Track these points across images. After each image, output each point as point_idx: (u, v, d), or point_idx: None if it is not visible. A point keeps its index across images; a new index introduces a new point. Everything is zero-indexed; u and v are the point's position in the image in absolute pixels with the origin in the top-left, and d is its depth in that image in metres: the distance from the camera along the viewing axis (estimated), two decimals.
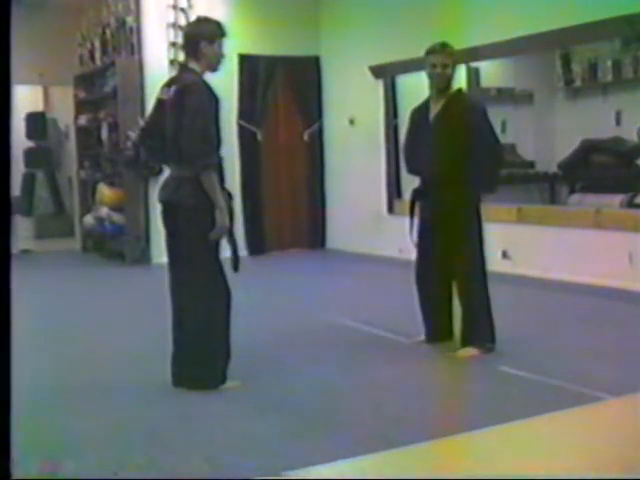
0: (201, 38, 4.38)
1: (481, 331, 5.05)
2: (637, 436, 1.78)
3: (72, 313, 6.82)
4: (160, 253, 8.96)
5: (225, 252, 4.41)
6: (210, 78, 4.44)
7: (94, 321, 6.46)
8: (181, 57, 8.99)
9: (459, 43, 6.61)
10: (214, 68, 4.48)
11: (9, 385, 1.97)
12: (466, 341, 5.05)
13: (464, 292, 5.10)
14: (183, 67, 4.63)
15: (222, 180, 4.37)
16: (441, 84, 5.09)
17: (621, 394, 3.92)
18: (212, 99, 4.34)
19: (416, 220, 5.23)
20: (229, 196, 4.39)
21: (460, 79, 8.19)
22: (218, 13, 8.56)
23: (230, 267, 4.36)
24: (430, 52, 5.10)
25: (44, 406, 4.14)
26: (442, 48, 5.09)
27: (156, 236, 9.18)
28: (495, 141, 5.15)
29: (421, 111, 5.28)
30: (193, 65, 4.43)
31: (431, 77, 5.10)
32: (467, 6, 8.17)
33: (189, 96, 4.26)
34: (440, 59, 5.04)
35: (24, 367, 3.98)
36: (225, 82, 4.90)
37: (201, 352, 4.36)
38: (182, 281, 4.42)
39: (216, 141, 4.32)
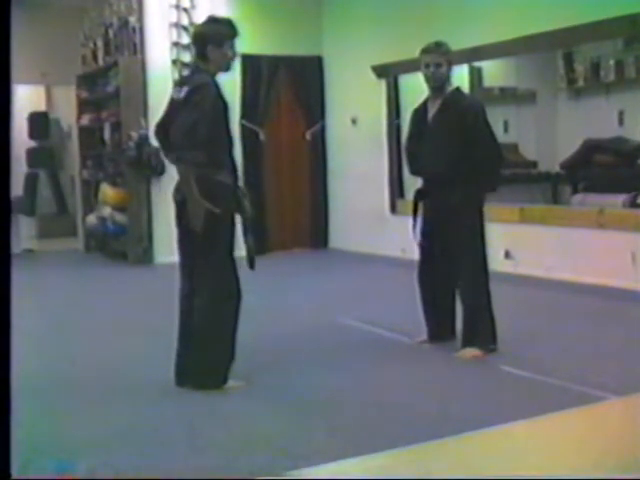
0: (208, 42, 4.32)
1: (483, 332, 5.04)
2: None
3: (74, 312, 6.82)
4: (163, 253, 9.07)
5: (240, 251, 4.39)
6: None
7: (97, 320, 6.46)
8: (183, 57, 9.23)
9: (461, 43, 6.60)
10: (224, 70, 4.42)
11: (9, 385, 1.97)
12: (468, 341, 5.05)
13: (466, 292, 5.10)
14: (195, 67, 4.60)
15: (236, 179, 4.39)
16: (435, 83, 5.09)
17: (624, 394, 3.92)
18: (219, 101, 4.30)
19: (419, 220, 5.25)
20: (244, 195, 4.37)
21: (462, 79, 8.21)
22: (221, 13, 8.56)
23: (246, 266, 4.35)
24: (423, 52, 5.12)
25: (45, 405, 4.14)
26: (435, 47, 5.10)
27: (159, 236, 9.21)
28: (492, 140, 5.10)
29: (420, 111, 5.28)
30: (203, 66, 4.38)
31: (425, 76, 5.11)
32: (469, 6, 8.17)
33: (196, 96, 4.21)
34: (433, 58, 5.04)
35: (26, 366, 3.99)
36: (228, 81, 4.85)
37: (208, 352, 4.35)
38: (195, 281, 4.39)
39: (205, 138, 4.14)
